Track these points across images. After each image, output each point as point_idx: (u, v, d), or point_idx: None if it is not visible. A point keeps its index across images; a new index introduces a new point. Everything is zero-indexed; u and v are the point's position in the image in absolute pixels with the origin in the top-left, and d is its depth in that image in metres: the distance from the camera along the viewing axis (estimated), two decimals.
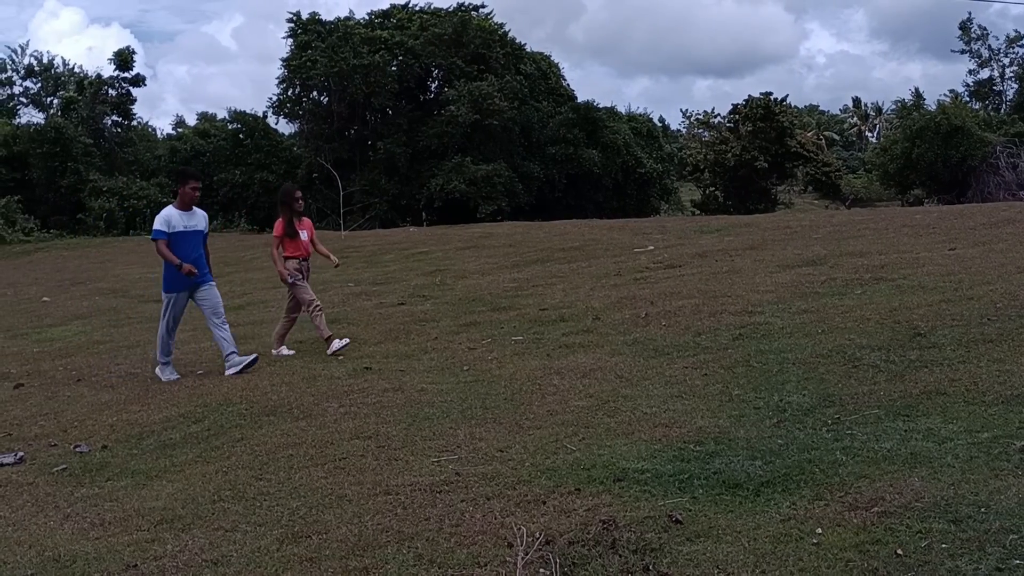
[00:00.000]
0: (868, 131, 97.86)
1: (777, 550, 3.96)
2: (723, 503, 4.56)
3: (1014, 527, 3.91)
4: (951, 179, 46.24)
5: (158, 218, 9.23)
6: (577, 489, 4.90)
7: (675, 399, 6.60)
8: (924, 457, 4.91)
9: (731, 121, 54.16)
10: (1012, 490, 4.31)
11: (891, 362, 6.97)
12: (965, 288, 9.33)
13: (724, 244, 16.60)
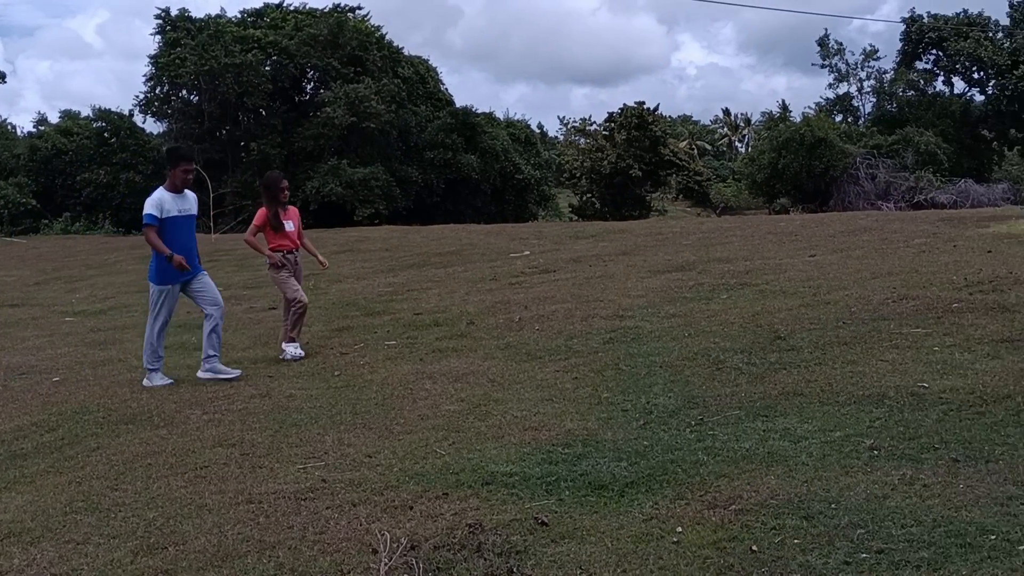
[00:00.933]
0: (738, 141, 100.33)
1: (639, 549, 4.03)
2: (588, 504, 4.62)
3: (862, 522, 4.08)
4: (815, 189, 47.91)
5: (149, 201, 8.35)
6: (445, 493, 4.90)
7: (545, 402, 6.66)
8: (780, 456, 5.07)
9: (607, 129, 54.92)
10: (861, 486, 4.50)
11: (752, 364, 7.18)
12: (823, 293, 9.68)
13: (598, 249, 16.84)
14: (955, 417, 5.45)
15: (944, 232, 15.03)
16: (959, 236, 14.21)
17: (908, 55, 54.97)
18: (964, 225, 16.05)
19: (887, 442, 5.14)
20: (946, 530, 3.93)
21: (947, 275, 10.05)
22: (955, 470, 4.63)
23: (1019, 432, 5.08)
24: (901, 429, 5.34)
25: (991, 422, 5.30)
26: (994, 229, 14.80)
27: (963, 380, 6.15)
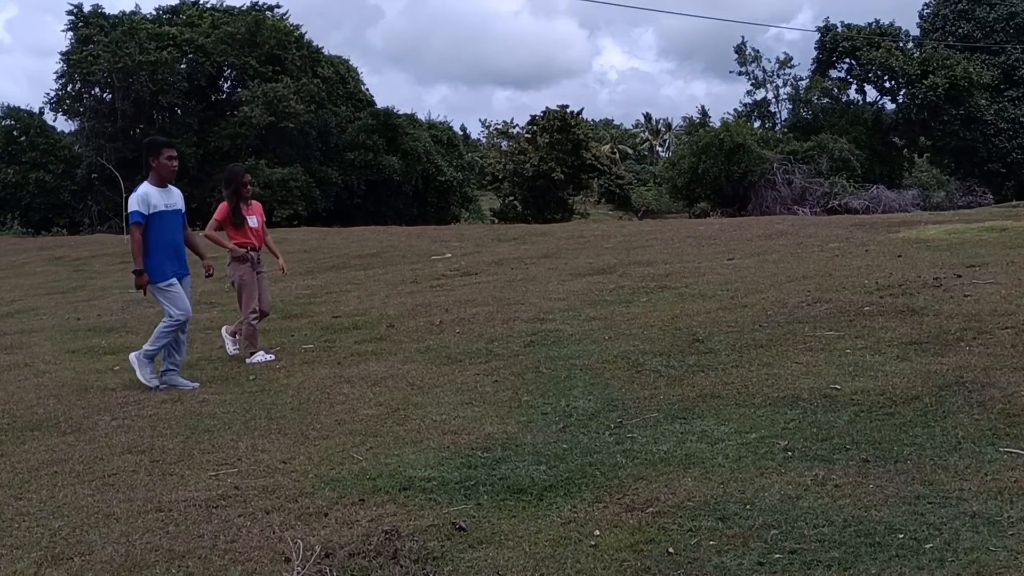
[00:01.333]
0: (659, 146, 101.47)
1: (556, 553, 4.02)
2: (507, 508, 4.60)
3: (775, 522, 4.13)
4: (733, 193, 48.65)
5: (134, 198, 7.81)
6: (361, 500, 4.84)
7: (465, 406, 6.63)
8: (698, 458, 5.12)
9: (529, 132, 55.21)
10: (775, 487, 4.56)
11: (671, 367, 7.25)
12: (740, 296, 9.82)
13: (520, 252, 16.88)
14: (866, 418, 5.56)
15: (857, 237, 15.38)
16: (871, 241, 14.55)
17: (823, 63, 56.12)
18: (876, 230, 16.44)
19: (801, 443, 5.21)
20: (856, 530, 3.99)
21: (859, 279, 10.27)
22: (865, 470, 4.71)
23: (926, 432, 5.19)
24: (814, 430, 5.42)
25: (900, 423, 5.41)
26: (904, 234, 15.19)
27: (873, 382, 6.28)
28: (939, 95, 49.94)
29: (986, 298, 8.64)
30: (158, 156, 7.97)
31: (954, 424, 5.29)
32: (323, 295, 13.17)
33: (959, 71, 49.94)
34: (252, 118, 40.69)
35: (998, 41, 53.70)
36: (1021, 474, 4.46)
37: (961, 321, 7.78)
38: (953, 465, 4.67)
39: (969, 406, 5.58)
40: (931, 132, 53.51)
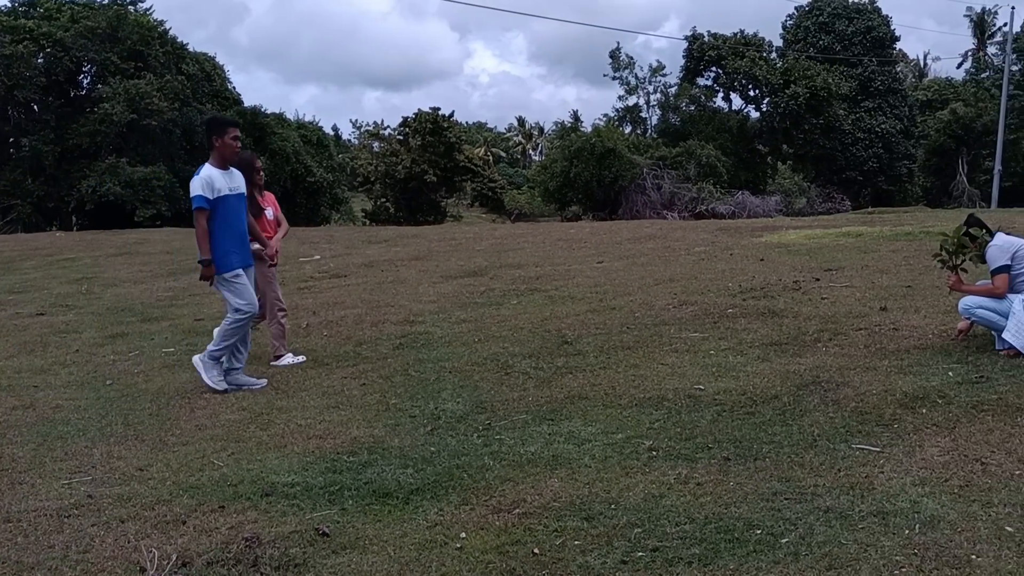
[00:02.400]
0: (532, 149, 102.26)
1: (422, 557, 3.98)
2: (372, 513, 4.54)
3: (639, 521, 4.17)
4: (605, 197, 49.27)
5: (197, 181, 7.16)
6: (221, 506, 4.70)
7: (331, 410, 6.53)
8: (564, 459, 5.14)
9: (401, 134, 54.88)
10: (640, 486, 4.61)
11: (540, 369, 7.28)
12: (609, 299, 9.94)
13: (391, 254, 16.76)
14: (728, 417, 5.69)
15: (722, 241, 15.77)
16: (735, 245, 14.93)
17: (691, 71, 57.38)
18: (740, 234, 16.89)
19: (665, 443, 5.29)
20: (717, 526, 4.07)
21: (723, 282, 10.52)
22: (726, 468, 4.81)
23: (784, 431, 5.34)
24: (678, 430, 5.52)
25: (760, 421, 5.55)
26: (766, 238, 15.65)
27: (736, 382, 6.43)
28: (800, 104, 51.69)
29: (842, 301, 8.96)
30: (222, 135, 7.32)
31: (810, 422, 5.45)
32: (186, 297, 12.80)
33: (819, 82, 51.79)
34: (113, 115, 39.29)
35: (856, 54, 55.95)
36: (871, 469, 4.62)
37: (818, 323, 8.04)
38: (809, 462, 4.81)
39: (824, 405, 5.76)
40: (793, 140, 55.33)
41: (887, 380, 6.15)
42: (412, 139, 52.92)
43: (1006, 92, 49.06)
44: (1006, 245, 6.68)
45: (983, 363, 6.38)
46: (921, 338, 7.26)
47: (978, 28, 73.10)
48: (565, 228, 23.08)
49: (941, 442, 4.94)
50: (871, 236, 14.99)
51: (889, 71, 58.07)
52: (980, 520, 3.95)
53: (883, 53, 57.56)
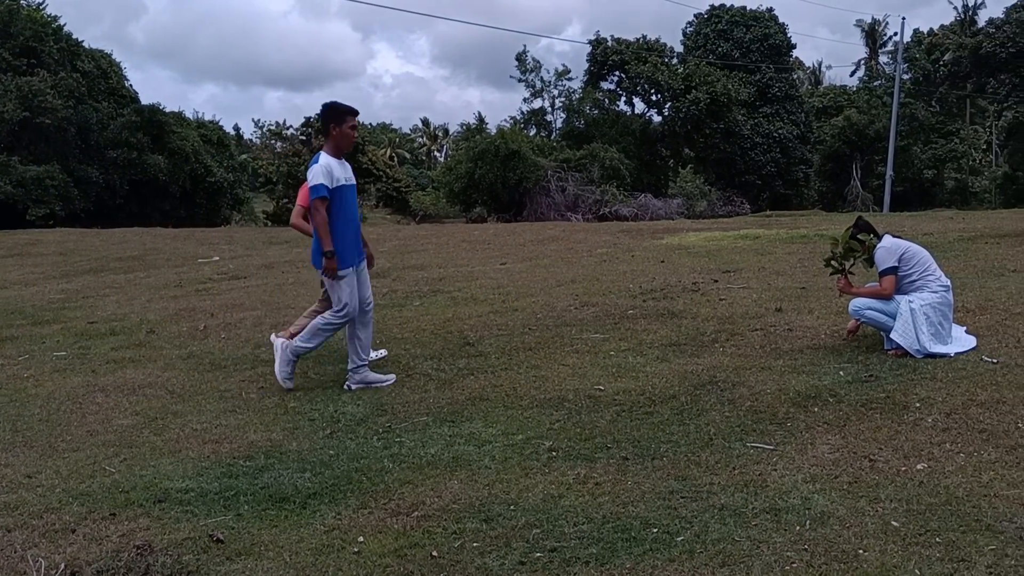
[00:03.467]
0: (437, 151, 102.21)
1: (318, 562, 3.92)
2: (269, 518, 4.46)
3: (538, 522, 4.18)
4: (509, 199, 49.40)
5: (317, 169, 6.79)
6: (113, 514, 4.57)
7: (228, 414, 6.40)
8: (465, 460, 5.13)
9: (304, 134, 54.32)
10: (539, 487, 4.62)
11: (442, 370, 7.26)
12: (512, 300, 9.97)
13: (292, 255, 16.55)
14: (627, 417, 5.74)
15: (624, 243, 15.96)
16: (637, 247, 15.12)
17: (594, 75, 57.93)
18: (641, 236, 17.12)
19: (565, 443, 5.32)
20: (614, 526, 4.10)
21: (624, 283, 10.64)
22: (625, 468, 4.86)
23: (682, 430, 5.41)
24: (578, 430, 5.55)
25: (658, 421, 5.62)
26: (667, 241, 15.89)
27: (635, 382, 6.50)
28: (701, 109, 52.66)
29: (739, 302, 9.13)
30: (341, 124, 6.96)
31: (707, 421, 5.54)
32: (79, 299, 12.44)
33: (719, 87, 52.81)
34: (4, 113, 38.04)
35: (754, 61, 57.23)
36: (765, 467, 4.71)
37: (716, 324, 8.19)
38: (705, 460, 4.88)
39: (721, 404, 5.86)
40: (694, 144, 56.36)
41: (781, 379, 6.29)
42: (315, 140, 52.38)
43: (897, 100, 50.67)
44: (893, 247, 6.89)
45: (872, 362, 6.57)
46: (814, 338, 7.45)
47: (870, 38, 75.43)
48: (470, 230, 23.11)
49: (832, 439, 5.07)
50: (768, 239, 15.33)
51: (786, 78, 59.54)
52: (867, 515, 4.05)
53: (780, 60, 58.99)
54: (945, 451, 4.76)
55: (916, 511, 4.06)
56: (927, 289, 6.77)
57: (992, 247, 12.72)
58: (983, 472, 4.43)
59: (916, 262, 6.84)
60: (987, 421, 5.13)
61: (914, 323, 6.61)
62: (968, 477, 4.39)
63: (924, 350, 6.56)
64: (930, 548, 3.71)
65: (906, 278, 6.83)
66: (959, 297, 7.73)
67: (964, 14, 67.17)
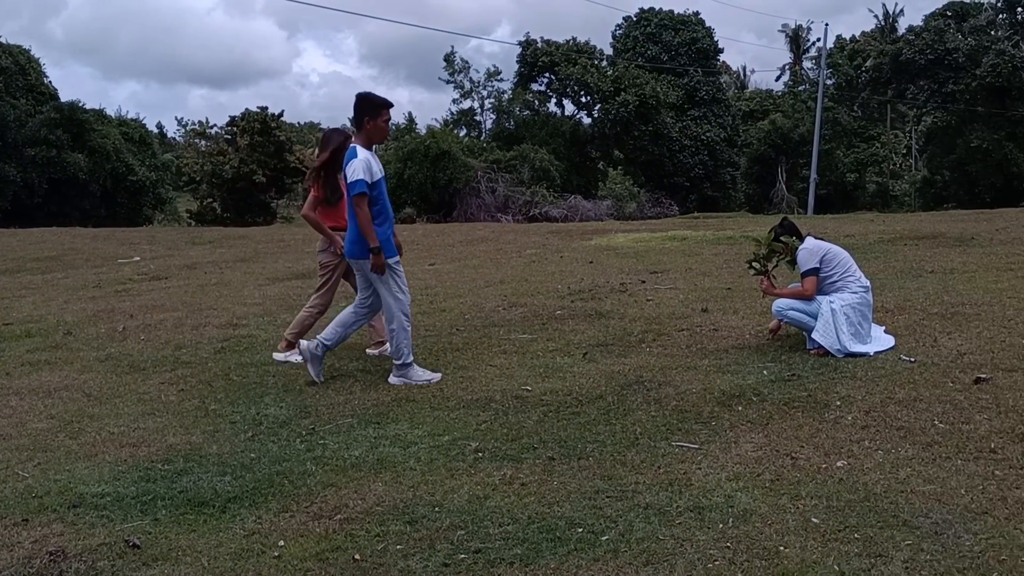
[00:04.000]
0: None
1: (237, 567, 3.84)
2: (187, 523, 4.35)
3: (463, 523, 4.14)
4: (439, 200, 49.23)
5: (357, 164, 6.54)
6: (25, 519, 4.42)
7: (147, 416, 6.25)
8: (389, 462, 5.07)
9: (229, 133, 53.42)
10: (464, 488, 4.58)
11: (368, 372, 7.18)
12: (440, 301, 9.91)
13: (215, 256, 16.28)
14: (554, 418, 5.73)
15: (553, 244, 15.99)
16: (566, 248, 15.16)
17: (524, 76, 57.99)
18: (571, 237, 17.17)
19: (491, 444, 5.28)
20: (539, 526, 4.08)
21: (553, 284, 10.65)
22: (551, 468, 4.84)
23: (608, 430, 5.41)
24: (505, 431, 5.52)
25: (585, 421, 5.61)
26: (596, 242, 15.95)
27: (562, 383, 6.50)
28: (630, 112, 53.01)
29: (666, 302, 9.19)
30: (376, 117, 6.74)
31: (633, 421, 5.55)
32: None
33: (648, 90, 53.22)
34: None
35: (682, 64, 57.79)
36: (690, 466, 4.73)
37: (643, 324, 8.23)
38: (631, 460, 4.88)
39: (647, 404, 5.88)
40: (624, 146, 56.67)
41: (706, 379, 6.34)
42: (240, 138, 51.54)
43: (821, 104, 51.60)
44: (815, 249, 6.99)
45: (795, 362, 6.66)
46: (739, 338, 7.52)
47: (794, 43, 76.70)
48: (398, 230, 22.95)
49: (755, 438, 5.11)
50: (695, 240, 15.48)
51: (713, 82, 60.20)
52: (789, 512, 4.08)
53: (707, 64, 59.64)
54: (864, 448, 4.82)
55: (836, 508, 4.10)
56: (847, 290, 6.88)
57: (911, 249, 13.01)
58: (900, 468, 4.50)
59: (837, 263, 6.95)
60: (905, 419, 5.23)
61: (835, 323, 6.71)
62: (886, 474, 4.45)
63: (844, 349, 6.67)
64: (849, 544, 3.75)
65: (827, 279, 6.93)
66: (879, 297, 7.88)
67: (884, 21, 68.75)
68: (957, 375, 6.00)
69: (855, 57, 63.50)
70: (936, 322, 7.62)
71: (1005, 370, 6.05)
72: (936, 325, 7.51)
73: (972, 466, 4.47)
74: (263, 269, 13.82)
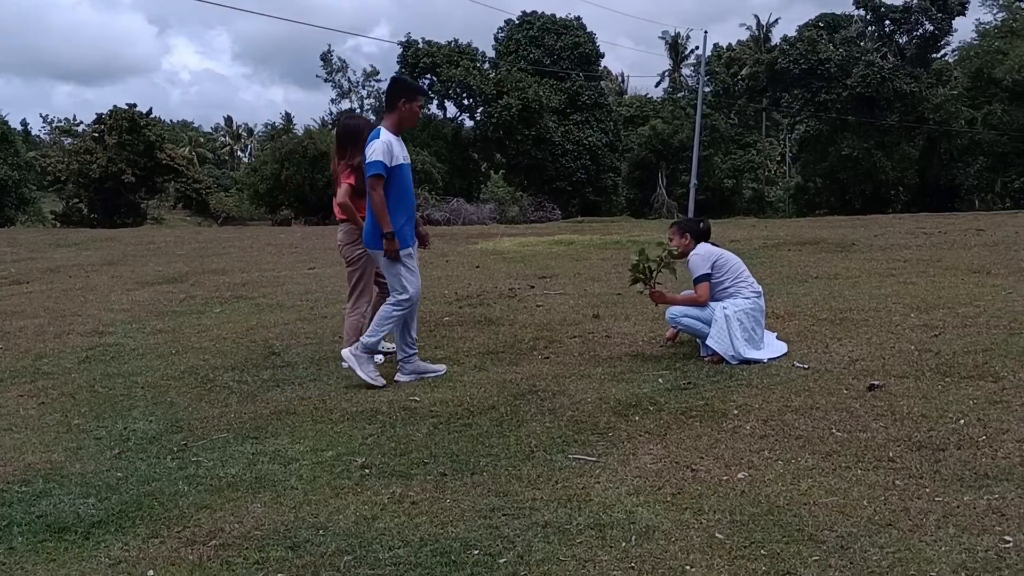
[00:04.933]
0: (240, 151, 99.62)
1: None
2: (46, 551, 3.95)
3: (350, 547, 3.85)
4: (318, 201, 48.44)
5: (377, 145, 6.28)
6: None
7: (3, 433, 5.76)
8: (269, 481, 4.73)
9: (97, 131, 51.59)
10: (351, 508, 4.29)
11: (244, 382, 6.79)
12: (321, 306, 9.55)
13: (81, 259, 15.52)
14: (444, 430, 5.46)
15: (437, 247, 15.73)
16: (451, 251, 14.93)
17: None
18: (456, 241, 16.95)
19: (378, 459, 5.00)
20: (433, 548, 3.82)
21: (440, 289, 10.39)
22: (443, 484, 4.58)
23: (502, 442, 5.18)
24: (393, 445, 5.23)
25: (477, 433, 5.37)
26: (482, 246, 15.76)
27: (452, 392, 6.24)
28: (513, 115, 53.14)
29: (556, 308, 9.03)
30: (412, 101, 6.54)
31: (528, 433, 5.33)
32: None
33: (531, 94, 53.43)
34: None
35: (564, 68, 58.19)
36: (588, 480, 4.53)
37: (534, 331, 8.04)
38: (526, 475, 4.66)
39: (541, 414, 5.67)
40: (506, 150, 56.76)
41: (601, 388, 6.17)
42: (108, 136, 49.88)
43: (700, 111, 52.58)
44: (707, 255, 6.91)
45: (690, 369, 6.55)
46: (632, 345, 7.39)
47: (673, 50, 78.19)
48: (275, 232, 22.39)
49: (654, 449, 4.95)
50: (582, 244, 15.43)
51: (595, 86, 60.83)
52: (692, 528, 3.92)
53: (589, 69, 60.21)
54: (764, 459, 4.71)
55: (740, 522, 3.95)
56: (740, 295, 6.83)
57: (795, 254, 13.20)
58: (801, 479, 4.39)
59: (728, 269, 6.89)
60: (802, 427, 5.14)
61: (728, 329, 6.64)
62: (788, 485, 4.33)
63: (739, 356, 6.60)
64: (756, 561, 3.60)
65: (719, 285, 6.87)
66: (768, 303, 7.85)
67: (759, 31, 70.54)
68: (851, 382, 5.98)
69: (731, 65, 64.98)
70: (826, 328, 7.65)
71: (897, 376, 6.05)
72: (827, 331, 7.53)
73: (872, 476, 4.38)
74: (132, 273, 13.17)
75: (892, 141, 52.45)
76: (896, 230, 17.73)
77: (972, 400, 5.43)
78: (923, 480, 4.29)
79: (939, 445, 4.71)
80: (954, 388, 5.72)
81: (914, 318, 7.92)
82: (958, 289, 9.43)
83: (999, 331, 7.19)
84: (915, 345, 6.88)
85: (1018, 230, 16.83)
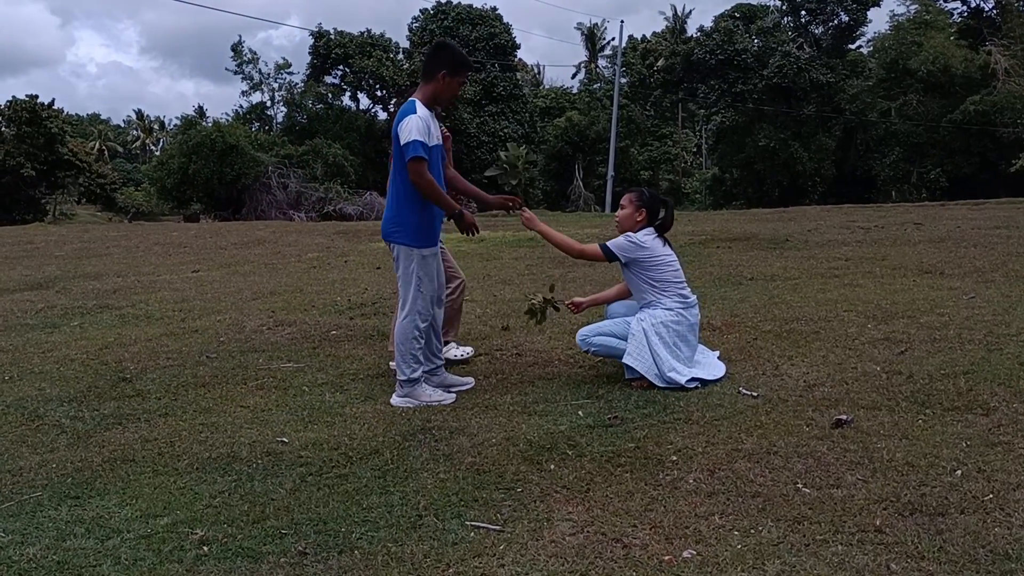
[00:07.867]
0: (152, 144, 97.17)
1: None
2: None
3: None
4: (227, 196, 46.82)
5: (413, 123, 5.33)
6: None
7: None
8: (75, 566, 3.58)
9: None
10: None
11: (80, 419, 5.59)
12: (194, 317, 8.37)
13: None
14: (314, 484, 4.36)
15: (338, 246, 14.59)
16: (352, 250, 13.80)
17: (317, 69, 56.15)
18: (359, 238, 15.81)
19: (224, 529, 3.87)
20: None
21: (332, 295, 9.26)
22: (301, 570, 3.48)
23: (384, 502, 4.09)
24: (246, 507, 4.11)
25: (354, 488, 4.28)
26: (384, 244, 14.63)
27: (330, 430, 5.14)
28: None
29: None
30: (456, 75, 5.57)
31: (417, 488, 4.25)
32: None
33: None
34: None
35: (479, 60, 57.12)
36: (489, 562, 3.47)
37: None
38: (411, 553, 3.58)
39: (435, 460, 4.60)
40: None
41: (509, 423, 5.10)
42: (6, 129, 47.59)
43: (617, 102, 52.01)
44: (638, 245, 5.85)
45: (615, 398, 5.50)
46: (547, 365, 6.36)
47: (590, 41, 77.62)
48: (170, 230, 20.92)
49: (573, 512, 3.89)
50: (493, 241, 14.41)
51: (511, 77, 59.98)
52: None
53: (505, 60, 59.30)
54: (715, 528, 3.66)
55: None
56: (661, 306, 5.81)
57: (724, 252, 12.30)
58: (767, 561, 3.34)
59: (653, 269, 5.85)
60: (759, 480, 4.08)
61: (648, 344, 5.64)
62: (749, 570, 3.31)
63: (663, 376, 5.59)
64: None
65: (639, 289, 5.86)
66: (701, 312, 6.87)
67: (675, 22, 70.26)
68: (811, 415, 4.93)
69: (647, 56, 64.59)
70: (772, 342, 6.67)
71: (866, 408, 5.02)
72: (773, 347, 6.54)
73: (858, 556, 3.32)
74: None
75: (809, 132, 52.53)
76: (828, 224, 17.03)
77: (965, 441, 4.41)
78: (925, 562, 3.23)
79: (936, 508, 3.66)
80: (939, 424, 4.71)
81: (872, 330, 6.98)
82: (913, 293, 8.56)
83: (975, 347, 6.26)
84: (880, 366, 5.91)
85: (958, 224, 16.22)
